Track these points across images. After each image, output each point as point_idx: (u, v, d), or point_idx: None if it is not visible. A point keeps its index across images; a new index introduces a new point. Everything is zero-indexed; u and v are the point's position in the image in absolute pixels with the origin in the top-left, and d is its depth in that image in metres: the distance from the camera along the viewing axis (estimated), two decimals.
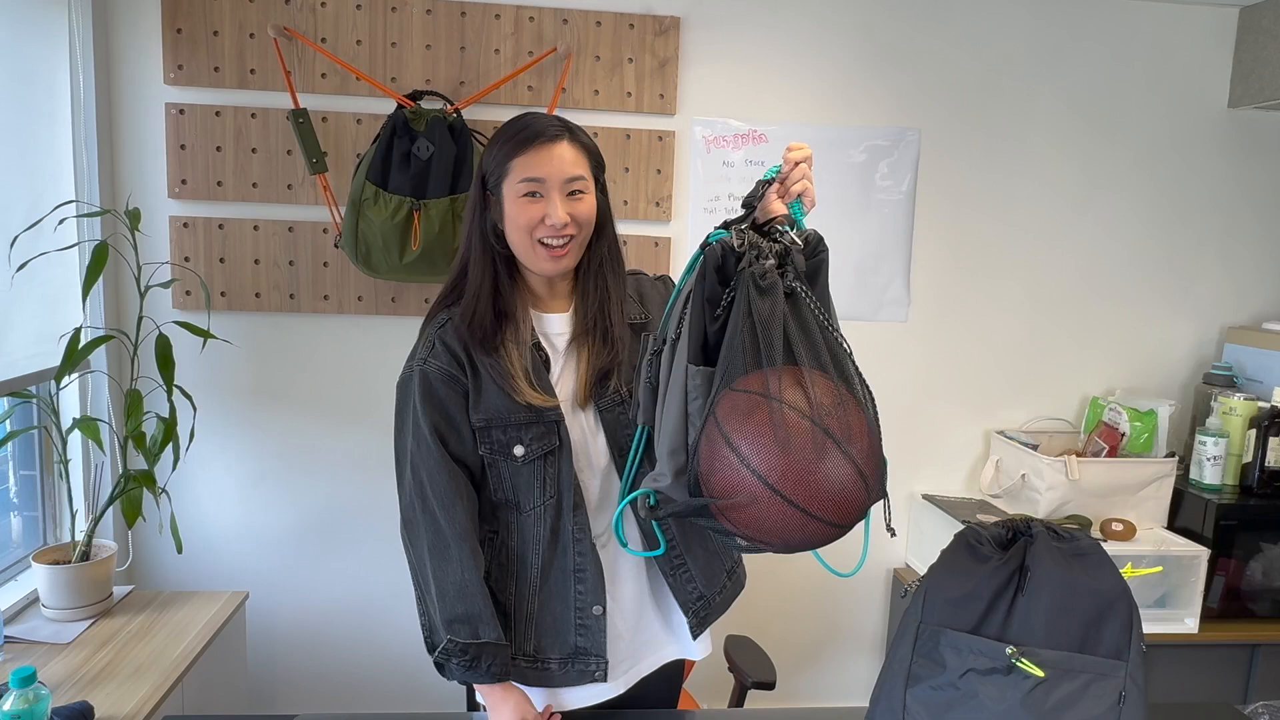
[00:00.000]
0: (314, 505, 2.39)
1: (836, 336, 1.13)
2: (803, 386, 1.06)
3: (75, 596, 1.88)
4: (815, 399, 1.05)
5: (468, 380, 1.34)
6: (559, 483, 1.35)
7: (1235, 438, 2.37)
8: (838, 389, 1.07)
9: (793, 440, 1.03)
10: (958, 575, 1.43)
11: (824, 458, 1.03)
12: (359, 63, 2.21)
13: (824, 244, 1.19)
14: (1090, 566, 1.36)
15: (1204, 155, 2.57)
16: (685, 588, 1.44)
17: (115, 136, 2.19)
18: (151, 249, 2.20)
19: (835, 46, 2.40)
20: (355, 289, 2.29)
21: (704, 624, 1.46)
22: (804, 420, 1.04)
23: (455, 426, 1.34)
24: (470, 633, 1.29)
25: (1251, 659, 2.31)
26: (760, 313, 1.07)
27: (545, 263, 1.33)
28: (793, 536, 1.06)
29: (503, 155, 1.34)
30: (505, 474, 1.36)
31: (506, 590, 1.39)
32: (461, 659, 1.29)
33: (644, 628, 1.45)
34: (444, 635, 1.30)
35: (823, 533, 1.06)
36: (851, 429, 1.06)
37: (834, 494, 1.03)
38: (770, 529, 1.05)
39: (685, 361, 1.12)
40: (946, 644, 1.36)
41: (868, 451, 1.07)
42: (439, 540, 1.32)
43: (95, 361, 2.13)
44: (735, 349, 1.08)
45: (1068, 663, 1.32)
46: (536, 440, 1.34)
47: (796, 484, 1.02)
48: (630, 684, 1.44)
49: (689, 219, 2.40)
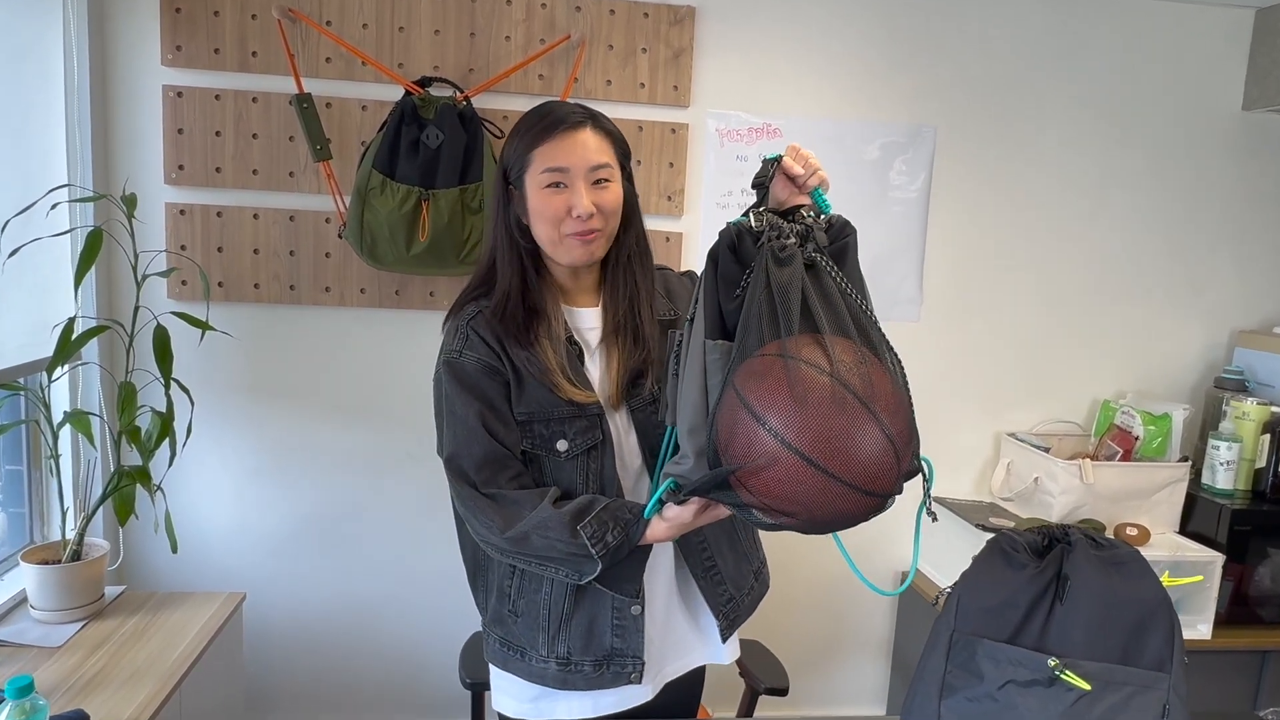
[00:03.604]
0: (314, 503, 2.32)
1: (863, 305, 1.09)
2: (822, 346, 1.01)
3: (65, 598, 1.80)
4: (835, 356, 1.00)
5: (508, 371, 1.29)
6: (601, 478, 1.31)
7: (1248, 442, 2.35)
8: (860, 350, 1.02)
9: (810, 396, 0.97)
10: (993, 583, 1.39)
11: (844, 413, 0.97)
12: (365, 47, 2.14)
13: (851, 227, 1.16)
14: (1131, 575, 1.33)
15: (1217, 158, 2.55)
16: (716, 590, 1.40)
17: (110, 119, 2.11)
18: (147, 237, 2.12)
19: (852, 41, 2.35)
20: (358, 281, 2.23)
21: (734, 626, 1.43)
22: (823, 376, 0.98)
23: (501, 416, 1.29)
24: (578, 522, 1.21)
25: (1262, 665, 2.29)
26: (778, 281, 1.03)
27: (574, 251, 1.28)
28: (815, 504, 0.99)
29: (524, 146, 1.28)
30: (547, 469, 1.31)
31: (540, 591, 1.34)
32: (600, 544, 1.20)
33: (672, 630, 1.41)
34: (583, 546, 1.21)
35: (849, 500, 0.99)
36: (875, 388, 1.00)
37: (858, 454, 0.97)
38: (791, 495, 0.99)
39: (702, 338, 1.08)
40: (984, 654, 1.32)
41: (894, 411, 1.01)
42: (511, 507, 1.24)
43: (88, 353, 2.05)
44: (753, 318, 1.04)
45: (1110, 675, 1.28)
46: (580, 435, 1.29)
47: (816, 440, 0.96)
48: (657, 689, 1.40)
49: (701, 214, 2.35)
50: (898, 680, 2.60)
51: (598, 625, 1.33)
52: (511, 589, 1.36)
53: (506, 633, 1.38)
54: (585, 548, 1.21)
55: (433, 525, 2.34)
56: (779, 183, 1.21)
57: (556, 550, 1.23)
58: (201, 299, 2.13)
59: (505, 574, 1.37)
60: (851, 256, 1.15)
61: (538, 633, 1.34)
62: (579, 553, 1.22)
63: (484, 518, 1.25)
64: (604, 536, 1.21)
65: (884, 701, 2.67)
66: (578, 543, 1.21)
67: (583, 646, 1.33)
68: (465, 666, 1.89)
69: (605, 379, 1.34)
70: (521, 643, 1.36)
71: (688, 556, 1.39)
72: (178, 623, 1.85)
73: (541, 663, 1.34)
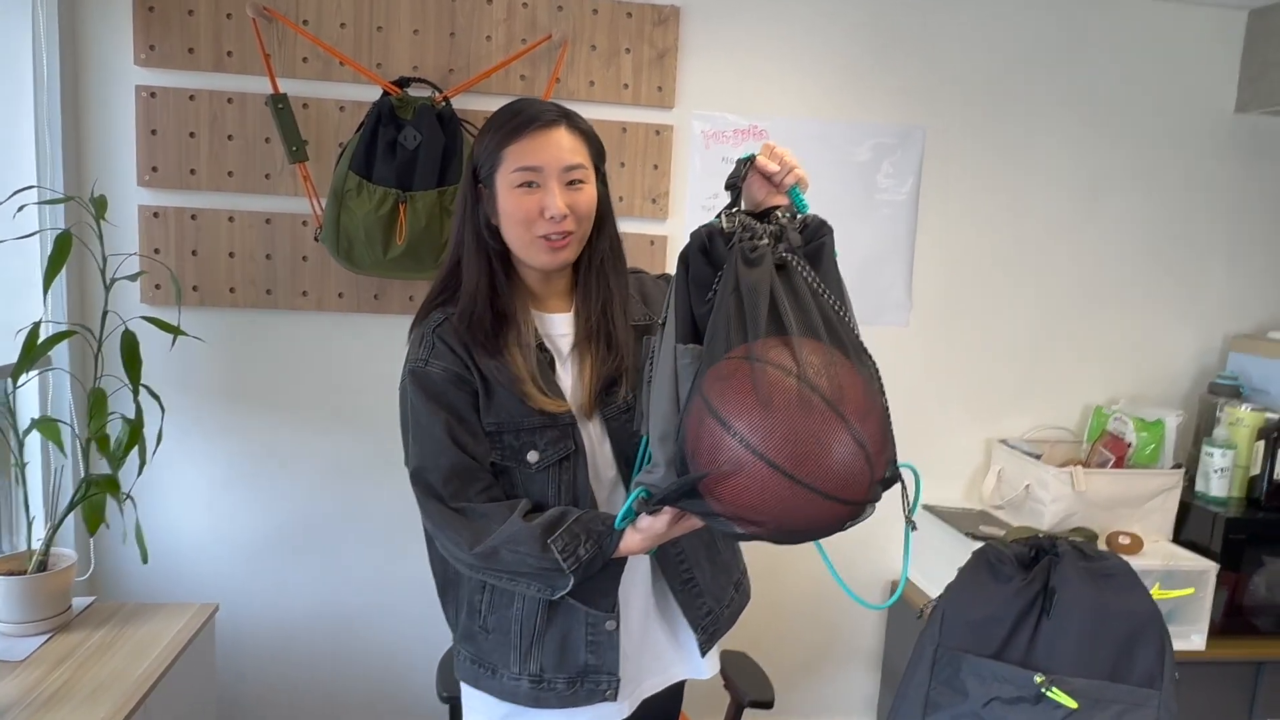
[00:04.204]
0: (289, 512, 2.28)
1: (837, 307, 1.05)
2: (789, 347, 0.97)
3: (31, 609, 1.75)
4: (802, 358, 0.96)
5: (476, 381, 1.24)
6: (575, 489, 1.26)
7: (1242, 449, 2.32)
8: (829, 352, 0.98)
9: (775, 398, 0.93)
10: (978, 596, 1.36)
11: (811, 416, 0.93)
12: (343, 47, 2.10)
13: (827, 227, 1.13)
14: (1120, 588, 1.28)
15: (1209, 161, 2.52)
16: (694, 603, 1.36)
17: (81, 119, 2.07)
18: (119, 240, 2.08)
19: (839, 41, 2.32)
20: (336, 285, 2.18)
21: (713, 640, 1.39)
22: (788, 378, 0.94)
23: (469, 427, 1.24)
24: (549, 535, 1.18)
25: (1257, 676, 2.25)
26: (747, 282, 1.00)
27: (544, 255, 1.24)
28: (784, 512, 0.95)
29: (495, 143, 1.24)
30: (517, 481, 1.27)
31: (511, 606, 1.29)
32: (572, 558, 1.17)
33: (649, 645, 1.37)
34: (554, 561, 1.17)
35: (819, 508, 0.95)
36: (845, 391, 0.96)
37: (826, 459, 0.93)
38: (758, 503, 0.95)
39: (674, 342, 1.05)
40: (968, 670, 1.28)
41: (865, 415, 0.97)
42: (480, 521, 1.20)
43: (56, 358, 2.00)
44: (720, 321, 1.00)
45: (1099, 692, 1.24)
46: (551, 445, 1.25)
47: (781, 445, 0.92)
48: (634, 706, 1.36)
49: (686, 217, 2.31)
50: (887, 691, 2.55)
51: (571, 641, 1.29)
52: (482, 604, 1.32)
53: (477, 650, 1.33)
54: (556, 562, 1.17)
55: (412, 533, 2.28)
56: (756, 182, 1.18)
57: (527, 565, 1.18)
58: (175, 303, 2.08)
59: (475, 589, 1.32)
60: (828, 257, 1.11)
61: (509, 650, 1.29)
62: (550, 567, 1.18)
63: (451, 533, 1.21)
64: (576, 550, 1.17)
65: (873, 712, 2.63)
66: (549, 557, 1.17)
67: (556, 663, 1.29)
68: (442, 680, 1.84)
69: (578, 387, 1.29)
70: (493, 660, 1.32)
71: (665, 569, 1.34)
72: (147, 635, 1.80)
73: (513, 680, 1.30)
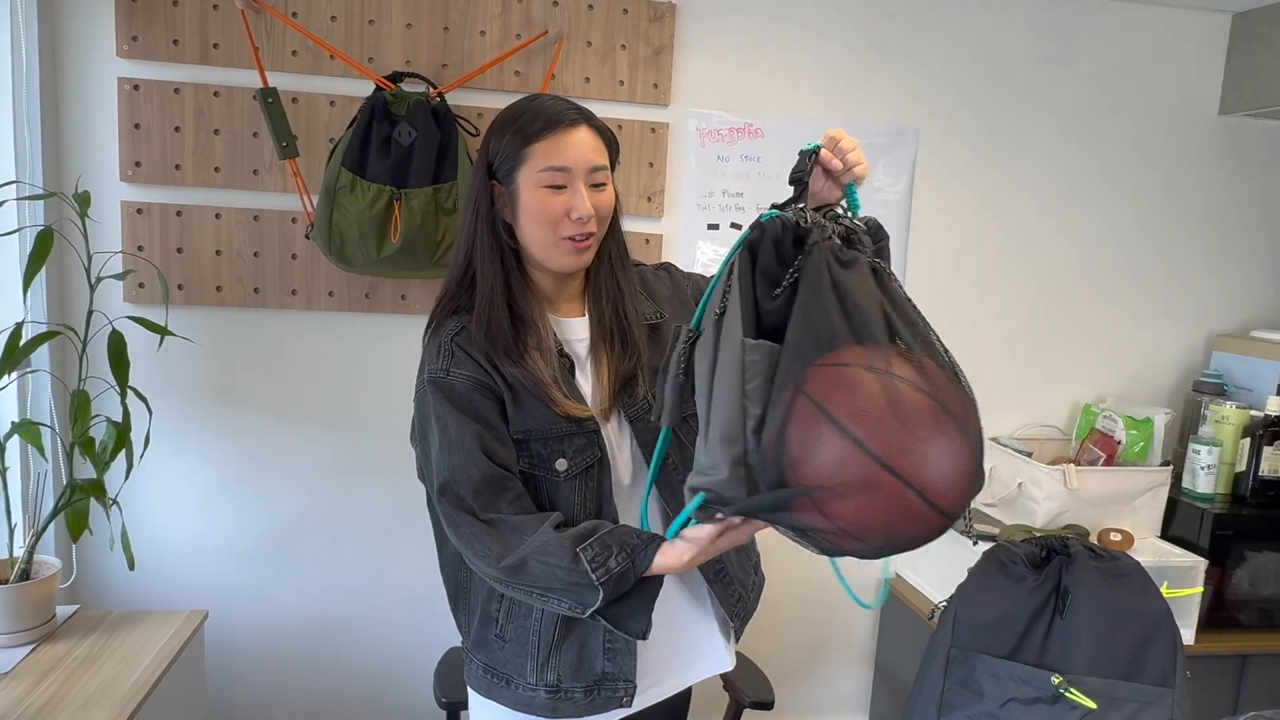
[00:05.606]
0: (279, 516, 2.23)
1: (927, 322, 1.04)
2: (911, 362, 0.94)
3: (14, 619, 1.70)
4: (931, 373, 0.94)
5: (500, 387, 1.21)
6: (599, 497, 1.24)
7: (1228, 446, 2.35)
8: (945, 371, 0.97)
9: (911, 416, 0.90)
10: (990, 597, 1.36)
11: (945, 435, 0.91)
12: (333, 40, 2.05)
13: (884, 231, 1.10)
14: (1134, 588, 1.29)
15: (1194, 162, 2.56)
16: (727, 591, 1.36)
17: (62, 113, 2.00)
18: (102, 237, 2.01)
19: (836, 40, 2.31)
20: (326, 284, 2.14)
21: (745, 624, 1.41)
22: (921, 395, 0.91)
23: (499, 435, 1.20)
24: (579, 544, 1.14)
25: (1242, 670, 2.29)
26: (847, 286, 0.96)
27: (567, 257, 1.21)
28: (898, 530, 0.92)
29: (518, 142, 1.20)
30: (544, 489, 1.24)
31: (530, 616, 1.26)
32: (602, 569, 1.12)
33: (672, 647, 1.34)
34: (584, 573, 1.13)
35: (932, 524, 0.93)
36: (967, 410, 0.95)
37: (953, 478, 0.92)
38: (878, 522, 0.91)
39: (739, 336, 0.99)
40: (984, 670, 1.28)
41: (978, 436, 0.96)
42: (510, 534, 1.16)
43: (38, 360, 1.94)
44: (816, 322, 0.94)
45: (1114, 691, 1.25)
46: (579, 453, 1.22)
47: (917, 464, 0.90)
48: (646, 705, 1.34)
49: (682, 215, 2.29)
50: (880, 689, 2.56)
51: (588, 649, 1.26)
52: (499, 613, 1.29)
53: (491, 659, 1.30)
54: (586, 574, 1.12)
55: (406, 537, 2.26)
56: (814, 175, 1.13)
57: (556, 578, 1.14)
58: (160, 302, 2.03)
59: (492, 596, 1.29)
60: (887, 261, 1.08)
61: (526, 659, 1.27)
62: (579, 580, 1.13)
63: (480, 546, 1.16)
64: (606, 561, 1.13)
65: (866, 709, 2.64)
66: (578, 568, 1.12)
67: (573, 673, 1.26)
68: (441, 685, 1.82)
69: (597, 389, 1.27)
70: (508, 670, 1.29)
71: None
72: (135, 644, 1.75)
73: (529, 690, 1.27)
